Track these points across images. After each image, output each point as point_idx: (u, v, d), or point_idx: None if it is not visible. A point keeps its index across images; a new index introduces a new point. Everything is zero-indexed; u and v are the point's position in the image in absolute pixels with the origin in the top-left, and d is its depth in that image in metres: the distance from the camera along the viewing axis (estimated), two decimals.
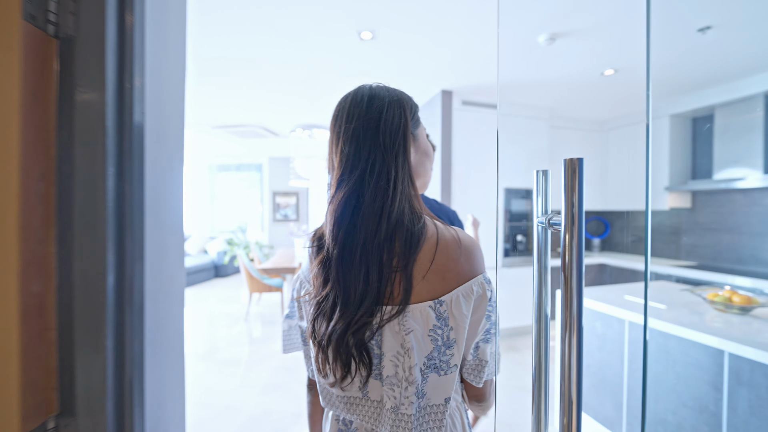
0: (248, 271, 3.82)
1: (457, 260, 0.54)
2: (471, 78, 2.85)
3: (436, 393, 0.53)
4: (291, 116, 3.98)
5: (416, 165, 0.64)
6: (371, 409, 0.54)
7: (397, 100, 0.60)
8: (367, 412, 0.54)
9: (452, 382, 0.54)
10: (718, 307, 1.67)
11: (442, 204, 1.36)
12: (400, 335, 0.51)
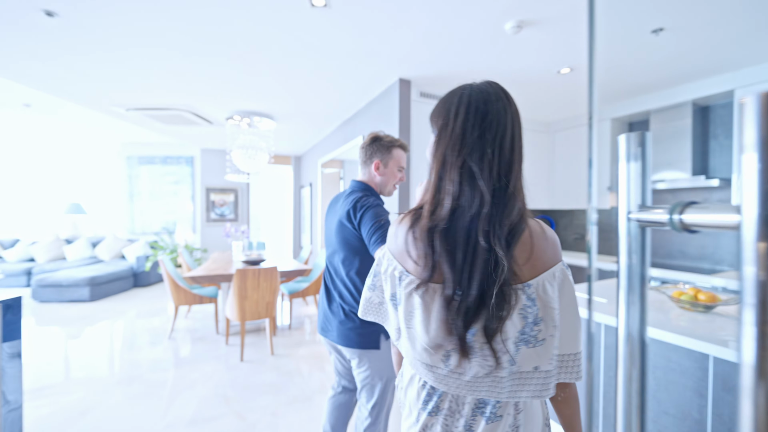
0: (173, 279, 3.24)
1: (545, 250, 0.62)
2: (431, 67, 2.66)
3: (526, 362, 0.60)
4: (227, 101, 3.46)
5: None
6: (455, 379, 0.61)
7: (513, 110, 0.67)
8: (453, 382, 0.62)
9: (540, 354, 0.60)
10: (684, 306, 1.66)
11: None
12: None
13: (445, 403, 0.64)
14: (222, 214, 6.13)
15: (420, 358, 0.63)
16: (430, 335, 0.60)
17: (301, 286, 3.91)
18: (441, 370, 0.62)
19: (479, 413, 0.62)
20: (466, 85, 0.66)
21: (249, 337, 3.49)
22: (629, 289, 0.40)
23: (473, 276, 0.57)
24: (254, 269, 2.89)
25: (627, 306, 0.40)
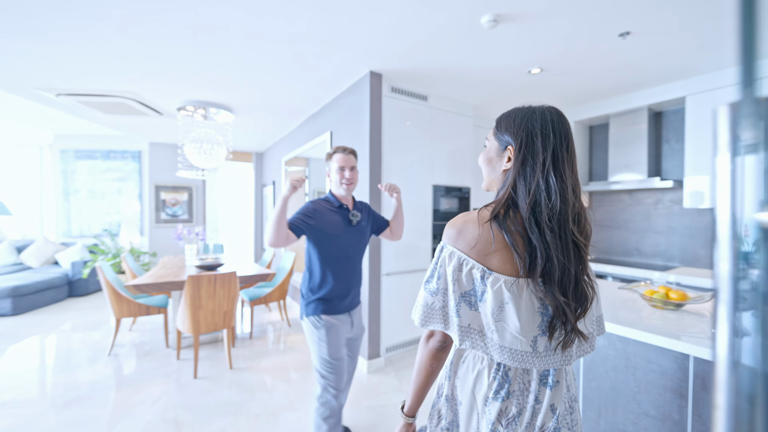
0: (113, 288, 2.86)
1: None
2: (404, 61, 2.55)
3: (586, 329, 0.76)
4: (178, 89, 3.13)
5: None
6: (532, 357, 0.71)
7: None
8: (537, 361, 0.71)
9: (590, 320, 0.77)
10: (656, 304, 1.67)
11: None
12: None
13: (515, 386, 0.74)
14: (174, 214, 5.64)
15: (509, 345, 0.71)
16: (522, 323, 0.69)
17: (263, 292, 3.64)
18: (529, 354, 0.71)
19: (543, 384, 0.75)
20: (538, 106, 0.76)
21: (204, 350, 3.17)
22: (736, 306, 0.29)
23: (572, 265, 0.70)
24: (210, 275, 2.62)
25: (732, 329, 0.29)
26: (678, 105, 3.20)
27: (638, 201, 3.54)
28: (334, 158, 1.64)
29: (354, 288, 1.67)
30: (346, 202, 1.68)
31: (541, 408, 0.74)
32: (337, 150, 1.64)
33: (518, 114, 0.76)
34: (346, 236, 1.61)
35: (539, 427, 0.73)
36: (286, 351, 3.18)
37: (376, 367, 2.79)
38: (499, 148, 0.79)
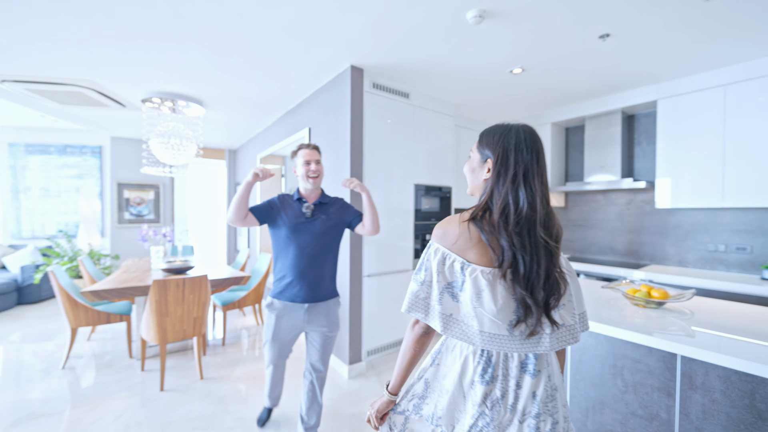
0: (68, 295, 2.61)
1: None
2: (386, 56, 2.48)
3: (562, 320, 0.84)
4: (143, 78, 2.91)
5: None
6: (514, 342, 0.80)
7: None
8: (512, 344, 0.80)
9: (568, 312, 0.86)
10: (638, 303, 1.69)
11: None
12: None
13: (498, 371, 0.82)
14: (139, 214, 5.28)
15: (488, 330, 0.79)
16: (498, 307, 0.78)
17: (236, 296, 3.46)
18: (506, 337, 0.79)
19: (524, 372, 0.82)
20: (514, 124, 0.86)
21: (172, 359, 2.96)
22: None
23: (540, 263, 0.79)
24: (178, 279, 2.43)
25: None
26: (649, 108, 3.31)
27: (612, 201, 3.65)
28: (299, 154, 1.77)
29: (311, 281, 1.70)
30: (310, 196, 1.78)
31: (522, 393, 0.81)
32: (302, 146, 1.78)
33: (497, 131, 0.87)
34: (300, 228, 1.69)
35: (521, 411, 0.81)
36: (262, 357, 3.02)
37: (358, 371, 2.70)
38: (480, 160, 0.90)
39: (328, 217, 1.75)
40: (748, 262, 2.83)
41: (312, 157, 1.75)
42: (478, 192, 0.91)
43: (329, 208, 1.78)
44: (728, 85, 2.67)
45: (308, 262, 1.68)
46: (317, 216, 1.72)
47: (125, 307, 3.00)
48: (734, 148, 2.64)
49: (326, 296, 1.74)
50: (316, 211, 1.73)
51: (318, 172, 1.75)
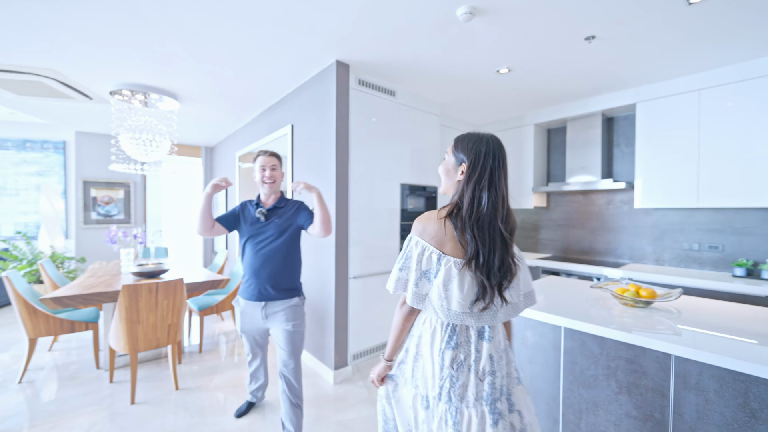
0: (25, 302, 2.39)
1: None
2: (373, 52, 2.41)
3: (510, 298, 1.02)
4: (112, 69, 2.71)
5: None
6: (469, 316, 0.98)
7: None
8: (472, 319, 0.99)
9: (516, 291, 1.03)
10: (626, 302, 1.70)
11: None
12: None
13: (461, 338, 1.01)
14: (107, 213, 4.97)
15: (454, 308, 0.97)
16: (464, 292, 0.96)
17: (214, 300, 3.30)
18: (467, 314, 0.97)
19: (481, 338, 1.01)
20: (484, 134, 1.02)
21: (144, 369, 2.78)
22: None
23: (496, 253, 0.96)
24: (150, 283, 2.27)
25: None
26: (628, 111, 3.40)
27: (592, 201, 3.73)
28: (257, 161, 1.87)
29: (264, 281, 1.79)
30: (267, 200, 1.89)
31: (481, 356, 1.01)
32: (260, 153, 1.89)
33: (471, 139, 1.01)
34: (254, 231, 1.83)
35: (481, 371, 1.00)
36: (242, 364, 2.88)
37: (344, 377, 2.62)
38: (455, 163, 1.03)
39: (282, 220, 1.84)
40: (720, 260, 2.95)
41: (267, 163, 1.85)
42: (452, 191, 1.05)
43: (285, 212, 1.87)
44: (702, 90, 2.77)
45: (261, 263, 1.80)
46: (271, 219, 1.84)
47: (92, 315, 2.79)
48: (708, 151, 2.74)
49: (283, 296, 1.82)
50: (270, 215, 1.85)
51: (273, 178, 1.85)
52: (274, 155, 1.90)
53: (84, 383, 2.53)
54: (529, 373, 1.65)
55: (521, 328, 1.68)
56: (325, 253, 2.67)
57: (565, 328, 1.52)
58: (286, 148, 3.24)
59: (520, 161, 3.99)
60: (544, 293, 1.96)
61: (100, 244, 4.88)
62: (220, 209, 5.41)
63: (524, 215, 4.30)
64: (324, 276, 2.69)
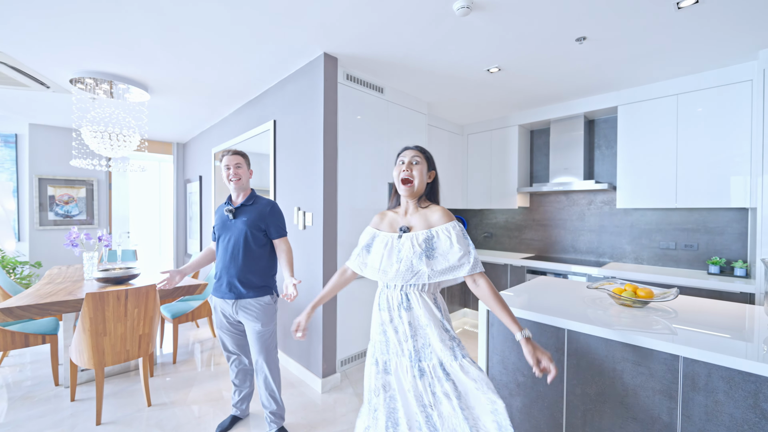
0: None
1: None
2: (363, 45, 2.31)
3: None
4: (73, 54, 2.46)
5: None
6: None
7: None
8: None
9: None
10: (624, 302, 1.70)
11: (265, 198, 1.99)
12: None
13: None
14: (67, 214, 4.56)
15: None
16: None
17: (189, 306, 3.08)
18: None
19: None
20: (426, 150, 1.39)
21: (111, 384, 2.54)
22: None
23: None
24: (118, 290, 2.06)
25: None
26: (609, 114, 3.49)
27: (574, 202, 3.80)
28: (222, 160, 1.91)
29: (233, 277, 1.81)
30: (235, 198, 1.93)
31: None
32: (226, 153, 1.92)
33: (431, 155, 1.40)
34: (223, 228, 1.88)
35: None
36: (221, 375, 2.70)
37: (332, 384, 2.50)
38: (428, 169, 1.35)
39: (248, 217, 1.86)
40: (695, 258, 3.07)
41: (231, 161, 1.88)
42: (422, 188, 1.33)
43: (254, 209, 1.89)
44: (680, 94, 2.87)
45: (230, 259, 1.82)
46: (239, 216, 1.86)
47: (50, 326, 2.51)
48: (684, 154, 2.85)
49: (253, 294, 1.83)
50: (238, 212, 1.87)
51: (238, 175, 1.88)
52: (238, 153, 1.93)
53: (40, 403, 2.27)
54: (530, 375, 1.61)
55: None
56: (312, 254, 2.54)
57: (569, 330, 1.49)
58: (268, 145, 3.08)
59: (505, 162, 4.01)
60: (539, 294, 1.93)
61: (58, 248, 4.47)
62: (194, 211, 5.11)
63: (508, 215, 4.33)
64: (311, 278, 2.56)
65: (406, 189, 1.28)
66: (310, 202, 2.57)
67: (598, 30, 2.12)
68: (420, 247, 1.22)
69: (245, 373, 2.00)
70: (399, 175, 1.29)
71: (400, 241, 1.25)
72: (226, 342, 1.93)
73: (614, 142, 3.51)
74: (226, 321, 1.88)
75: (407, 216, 1.31)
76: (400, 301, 1.24)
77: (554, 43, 2.27)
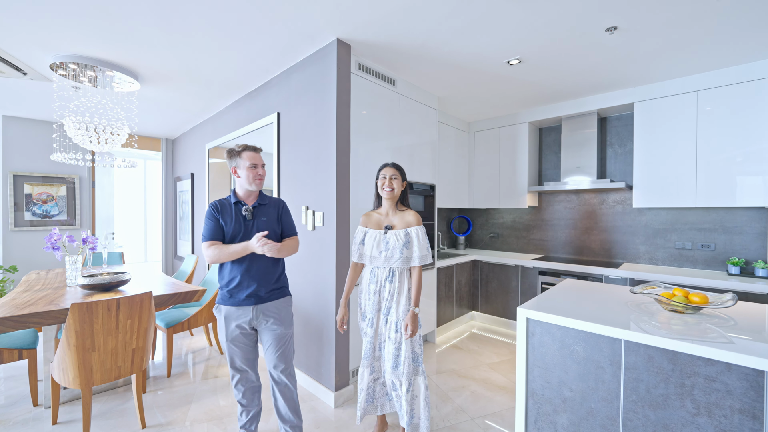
0: None
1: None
2: (379, 31, 2.13)
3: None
4: (53, 34, 2.20)
5: None
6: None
7: None
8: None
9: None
10: (676, 308, 1.57)
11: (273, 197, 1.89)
12: None
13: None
14: (46, 213, 4.22)
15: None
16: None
17: (185, 314, 2.84)
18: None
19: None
20: None
21: (100, 402, 2.29)
22: None
23: None
24: (109, 300, 1.83)
25: None
26: (622, 111, 3.40)
27: (585, 201, 3.71)
28: (243, 156, 1.70)
29: (257, 281, 1.69)
30: (247, 198, 1.75)
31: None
32: (247, 148, 1.72)
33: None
34: (243, 230, 1.70)
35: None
36: (220, 389, 2.48)
37: (346, 397, 2.31)
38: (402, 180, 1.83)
39: (269, 218, 1.76)
40: (712, 259, 3.01)
41: (260, 161, 1.74)
42: (398, 195, 1.84)
43: (269, 209, 1.78)
44: (700, 91, 2.79)
45: (250, 263, 1.69)
46: (258, 217, 1.74)
47: (27, 339, 2.25)
48: (705, 152, 2.77)
49: (275, 296, 1.74)
50: (256, 213, 1.74)
51: (264, 176, 1.77)
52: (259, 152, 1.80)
53: (16, 426, 2.00)
54: (579, 390, 1.47)
55: (570, 342, 1.49)
56: (324, 257, 2.35)
57: (626, 341, 1.35)
58: (271, 140, 2.86)
59: (514, 160, 3.90)
60: (575, 300, 1.79)
61: (35, 250, 4.13)
62: (185, 210, 4.83)
63: (515, 215, 4.22)
64: (322, 283, 2.37)
65: (387, 194, 1.79)
66: (321, 200, 2.37)
67: (632, 19, 2.00)
68: (401, 240, 1.74)
69: (253, 391, 1.78)
70: (382, 186, 1.79)
71: (386, 236, 1.77)
72: (235, 357, 1.71)
73: (627, 140, 3.43)
74: (240, 332, 1.68)
75: (388, 216, 1.82)
76: (386, 276, 1.76)
77: (583, 32, 2.15)
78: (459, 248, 4.42)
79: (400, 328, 1.73)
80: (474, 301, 4.00)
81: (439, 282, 3.43)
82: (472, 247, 4.63)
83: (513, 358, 3.01)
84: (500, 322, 3.79)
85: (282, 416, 1.74)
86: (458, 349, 3.23)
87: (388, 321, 1.76)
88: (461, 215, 4.65)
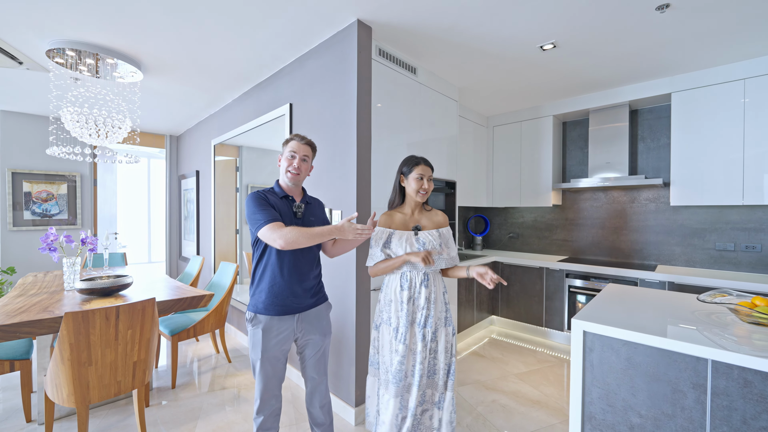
0: None
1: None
2: (405, 10, 1.93)
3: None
4: (51, 17, 2.02)
5: None
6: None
7: None
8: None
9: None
10: (760, 320, 1.36)
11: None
12: None
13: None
14: (46, 212, 4.06)
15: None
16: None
17: (191, 320, 2.65)
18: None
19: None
20: None
21: (98, 417, 2.11)
22: None
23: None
24: (107, 308, 1.64)
25: None
26: (655, 103, 3.18)
27: (614, 199, 3.49)
28: (288, 144, 1.56)
29: (305, 285, 1.52)
30: (292, 193, 1.57)
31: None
32: (294, 137, 1.57)
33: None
34: None
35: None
36: (228, 402, 2.28)
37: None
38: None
39: (316, 218, 1.62)
40: (758, 261, 2.78)
41: (300, 151, 1.54)
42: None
43: (315, 209, 1.64)
44: (747, 79, 2.57)
45: (295, 266, 1.50)
46: (306, 217, 1.57)
47: (20, 349, 2.06)
48: (753, 144, 2.54)
49: (319, 301, 1.60)
50: (306, 212, 1.58)
51: (300, 170, 1.54)
52: (310, 145, 1.58)
53: None
54: (651, 417, 1.25)
55: (640, 360, 1.28)
56: (343, 262, 2.15)
57: (713, 361, 1.14)
58: (282, 133, 2.67)
59: (537, 156, 3.68)
60: (631, 309, 1.58)
61: (35, 251, 3.97)
62: (190, 210, 4.65)
63: (537, 214, 4.00)
64: (342, 288, 2.17)
65: (422, 196, 1.61)
66: (340, 198, 2.18)
67: None
68: (437, 240, 1.60)
69: (276, 415, 1.52)
70: (420, 187, 1.59)
71: (419, 237, 1.59)
72: (272, 382, 1.47)
73: (661, 133, 3.20)
74: (281, 348, 1.47)
75: (414, 216, 1.65)
76: (422, 280, 1.56)
77: (632, 9, 1.93)
78: (476, 249, 4.21)
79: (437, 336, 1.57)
80: (494, 304, 3.79)
81: (459, 285, 3.22)
82: (490, 247, 4.41)
83: (543, 368, 2.79)
84: (523, 327, 3.58)
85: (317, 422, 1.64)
86: (480, 356, 3.02)
87: (424, 336, 1.52)
88: (478, 214, 4.44)
